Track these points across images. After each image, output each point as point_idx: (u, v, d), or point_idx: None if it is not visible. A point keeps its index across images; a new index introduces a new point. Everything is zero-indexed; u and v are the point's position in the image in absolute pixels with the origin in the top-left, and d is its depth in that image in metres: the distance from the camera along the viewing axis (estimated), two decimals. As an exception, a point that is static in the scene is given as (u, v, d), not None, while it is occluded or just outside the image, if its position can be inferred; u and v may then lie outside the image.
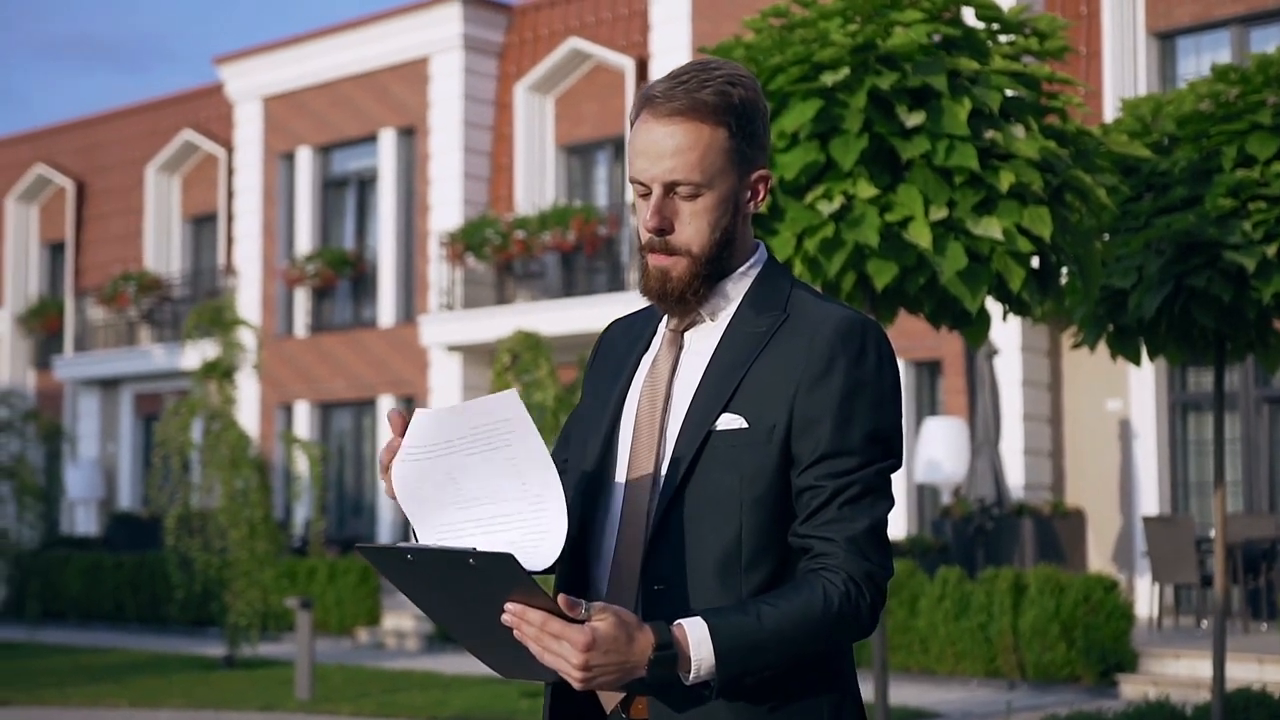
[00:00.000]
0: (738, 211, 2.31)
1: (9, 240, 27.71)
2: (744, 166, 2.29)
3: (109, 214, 26.50)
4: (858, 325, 2.25)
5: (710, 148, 2.24)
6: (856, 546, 2.18)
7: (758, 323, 2.29)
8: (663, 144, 2.24)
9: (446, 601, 2.10)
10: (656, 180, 2.25)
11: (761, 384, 2.23)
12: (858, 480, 2.20)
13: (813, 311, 2.28)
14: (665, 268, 2.28)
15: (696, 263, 2.28)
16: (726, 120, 2.25)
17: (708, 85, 2.25)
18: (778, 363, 2.24)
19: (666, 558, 2.23)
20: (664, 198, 2.26)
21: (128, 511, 23.44)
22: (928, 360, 17.25)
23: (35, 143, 28.00)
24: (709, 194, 2.26)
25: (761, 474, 2.21)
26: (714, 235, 2.28)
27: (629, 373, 2.39)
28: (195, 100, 25.49)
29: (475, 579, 2.01)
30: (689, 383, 2.30)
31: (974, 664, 13.09)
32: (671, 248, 2.28)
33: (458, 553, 1.99)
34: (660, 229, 2.26)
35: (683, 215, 2.27)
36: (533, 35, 21.52)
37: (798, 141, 6.13)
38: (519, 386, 13.12)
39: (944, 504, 16.12)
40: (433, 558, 2.02)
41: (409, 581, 2.10)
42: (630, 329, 2.47)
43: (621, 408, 2.36)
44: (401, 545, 2.06)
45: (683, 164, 2.23)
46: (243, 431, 15.15)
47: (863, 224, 6.02)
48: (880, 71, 6.09)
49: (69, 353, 25.94)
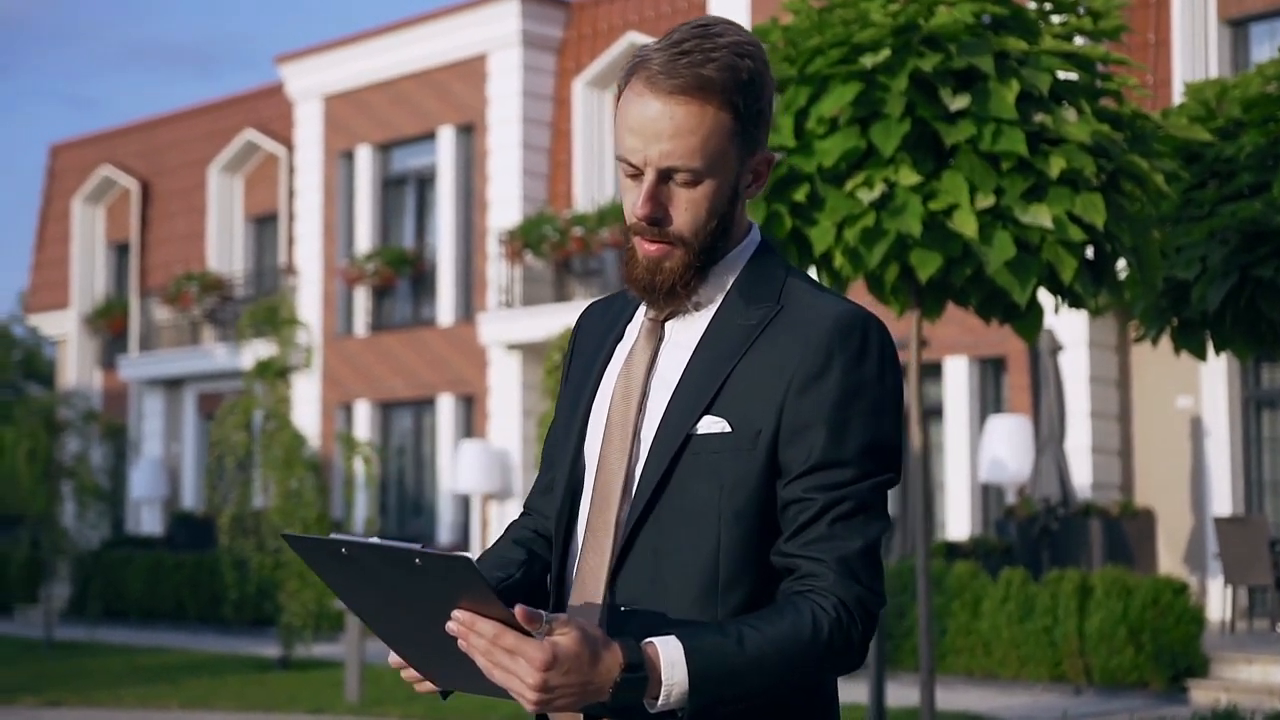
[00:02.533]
0: (737, 196, 2.06)
1: (76, 241, 27.91)
2: (747, 149, 2.04)
3: (173, 214, 26.61)
4: (859, 321, 2.00)
5: (714, 131, 1.98)
6: (848, 569, 1.94)
7: (748, 314, 2.04)
8: (660, 123, 1.98)
9: (382, 603, 1.90)
10: (651, 164, 2.00)
11: (748, 384, 1.99)
12: (852, 495, 1.96)
13: (809, 304, 2.03)
14: (657, 257, 2.03)
15: (691, 253, 2.03)
16: (733, 100, 1.99)
17: (713, 58, 1.98)
18: (767, 360, 2.00)
19: (636, 575, 2.00)
20: (658, 183, 2.01)
21: (190, 511, 23.50)
22: (992, 357, 16.89)
23: (101, 144, 28.19)
24: (709, 181, 2.01)
25: (744, 484, 1.97)
26: (711, 224, 2.03)
27: (602, 365, 2.16)
28: (257, 100, 25.53)
29: (419, 582, 1.81)
30: (668, 379, 2.06)
31: (1039, 668, 12.76)
32: (665, 236, 2.03)
33: (404, 550, 1.78)
34: (654, 218, 2.02)
35: (678, 202, 2.02)
36: (591, 30, 21.33)
37: (837, 127, 5.90)
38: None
39: (1008, 504, 15.76)
40: (371, 554, 1.81)
41: (341, 578, 1.90)
42: (607, 313, 2.22)
43: (592, 405, 2.13)
44: (336, 537, 1.85)
45: (682, 148, 1.98)
46: (297, 431, 15.06)
47: (905, 213, 5.77)
48: (923, 53, 5.83)
49: (134, 353, 26.07)
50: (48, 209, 29.03)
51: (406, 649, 1.94)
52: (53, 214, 28.85)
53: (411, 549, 1.77)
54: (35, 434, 18.26)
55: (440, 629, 1.82)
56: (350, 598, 1.93)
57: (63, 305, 28.11)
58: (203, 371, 24.87)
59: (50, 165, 29.17)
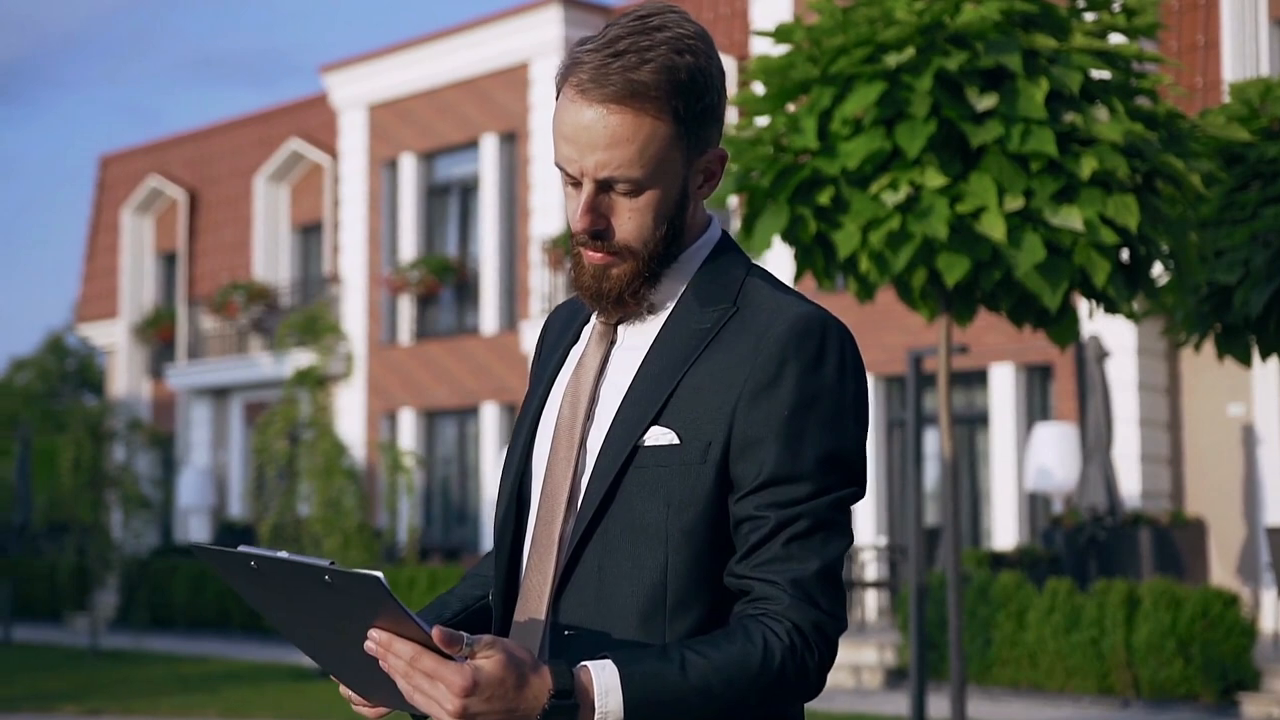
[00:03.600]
0: (686, 200, 1.94)
1: (125, 251, 28.09)
2: (694, 151, 1.91)
3: (220, 224, 26.73)
4: (815, 323, 1.87)
5: (652, 138, 1.86)
6: (804, 591, 1.81)
7: (702, 317, 1.92)
8: (594, 132, 1.85)
9: (302, 619, 1.80)
10: (588, 175, 1.88)
11: (698, 392, 1.87)
12: (807, 512, 1.83)
13: (765, 305, 1.90)
14: (602, 265, 1.92)
15: (639, 261, 1.92)
16: (672, 104, 1.86)
17: (649, 60, 1.84)
18: (719, 367, 1.87)
19: (579, 597, 1.88)
20: (597, 194, 1.89)
21: (236, 520, 23.57)
22: (1038, 364, 16.66)
23: (150, 155, 28.37)
24: (652, 190, 1.89)
25: (693, 501, 1.84)
26: (659, 231, 1.91)
27: (555, 369, 2.05)
28: (302, 110, 25.61)
29: (332, 599, 1.71)
30: (618, 386, 1.94)
31: (1086, 680, 12.54)
32: (610, 246, 1.91)
33: (312, 567, 1.68)
34: (594, 231, 1.90)
35: (620, 212, 1.90)
36: (634, 37, 21.24)
37: (861, 128, 5.75)
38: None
39: (1055, 513, 15.53)
40: (281, 569, 1.72)
41: (255, 590, 1.81)
42: (573, 314, 2.10)
43: (543, 411, 2.02)
44: (244, 550, 1.75)
45: (619, 158, 1.86)
46: (337, 440, 15.03)
47: (931, 215, 5.63)
48: (949, 51, 5.68)
49: (182, 362, 26.19)
50: (98, 219, 29.25)
51: (335, 667, 1.84)
52: (103, 224, 29.06)
53: (320, 565, 1.68)
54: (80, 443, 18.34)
55: (359, 645, 1.72)
56: (272, 613, 1.85)
57: (112, 315, 28.29)
58: (249, 380, 24.95)
59: (100, 176, 29.38)
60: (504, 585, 1.98)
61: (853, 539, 1.89)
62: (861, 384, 1.90)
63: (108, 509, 19.01)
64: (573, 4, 21.22)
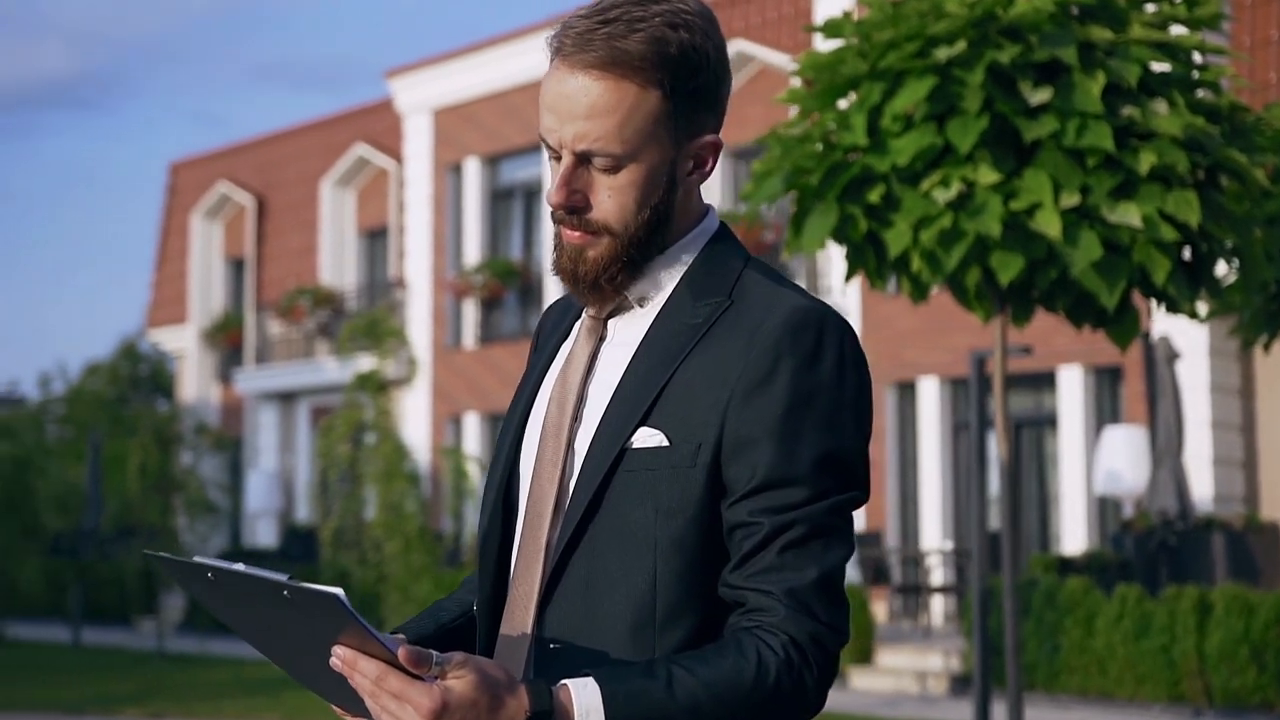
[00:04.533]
0: (675, 186, 1.83)
1: (194, 257, 28.34)
2: (684, 132, 1.80)
3: (287, 229, 26.90)
4: (813, 317, 1.76)
5: (635, 112, 1.76)
6: (800, 602, 1.70)
7: (694, 311, 1.81)
8: (575, 101, 1.76)
9: (268, 631, 1.73)
10: (566, 146, 1.78)
11: (689, 391, 1.76)
12: (804, 518, 1.71)
13: (760, 299, 1.79)
14: (579, 246, 1.82)
15: (618, 244, 1.81)
16: (659, 78, 1.76)
17: (638, 29, 1.75)
18: (711, 364, 1.76)
19: (565, 609, 1.78)
20: (575, 167, 1.79)
21: (303, 524, 23.69)
22: (1107, 365, 16.38)
23: (218, 161, 28.60)
24: (633, 167, 1.78)
25: (683, 506, 1.73)
26: (640, 215, 1.80)
27: (544, 367, 1.94)
28: (368, 115, 25.72)
29: (293, 614, 1.64)
30: (606, 384, 1.83)
31: (1156, 688, 12.30)
32: (587, 225, 1.81)
33: (270, 581, 1.61)
34: (569, 206, 1.80)
35: (599, 189, 1.80)
36: (697, 38, 21.14)
37: (912, 124, 5.62)
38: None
39: (1125, 517, 15.25)
40: (240, 581, 1.64)
41: (216, 601, 1.74)
42: (566, 309, 2.00)
43: (530, 412, 1.91)
44: (200, 561, 1.67)
45: (598, 130, 1.76)
46: (398, 444, 15.04)
47: (984, 213, 5.48)
48: (1001, 44, 5.54)
49: (249, 366, 26.37)
50: (168, 225, 29.53)
51: (310, 680, 1.76)
52: (173, 230, 29.34)
53: (278, 580, 1.60)
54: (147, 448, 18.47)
55: (324, 659, 1.65)
56: (241, 627, 1.77)
57: (182, 320, 28.55)
58: (315, 385, 25.08)
59: (170, 182, 29.67)
60: (490, 596, 1.88)
61: (854, 547, 1.78)
62: (863, 381, 1.79)
63: (175, 513, 19.14)
64: (635, 6, 21.14)
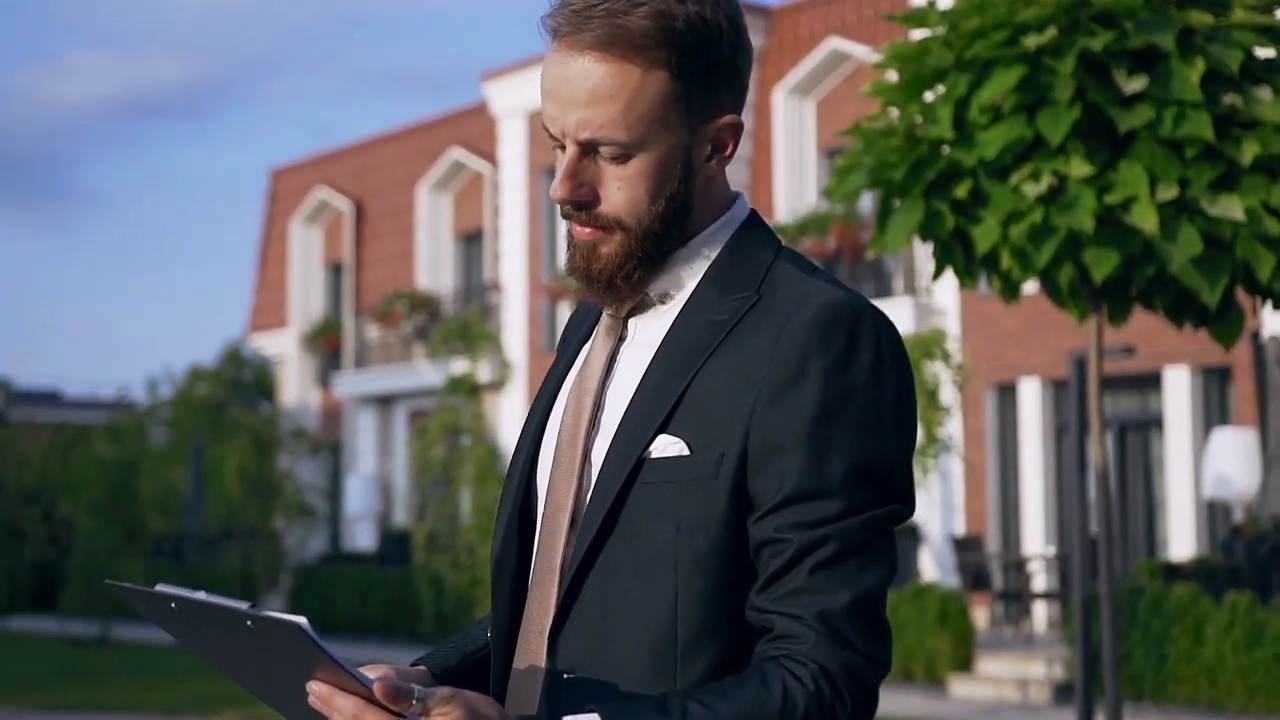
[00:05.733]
0: (691, 173, 1.67)
1: (294, 262, 28.59)
2: (698, 115, 1.65)
3: (384, 233, 27.06)
4: (845, 310, 1.59)
5: (640, 95, 1.61)
6: (832, 628, 1.53)
7: (719, 307, 1.65)
8: (576, 85, 1.61)
9: (231, 657, 1.62)
10: (569, 135, 1.64)
11: (712, 394, 1.60)
12: (836, 534, 1.55)
13: (791, 293, 1.63)
14: (590, 242, 1.67)
15: (632, 239, 1.65)
16: (665, 57, 1.61)
17: (640, 3, 1.60)
18: (736, 364, 1.60)
19: (580, 636, 1.63)
20: (580, 158, 1.64)
21: (400, 527, 23.78)
22: (1216, 366, 15.91)
23: (317, 167, 28.85)
24: (643, 156, 1.63)
25: (706, 521, 1.58)
26: (654, 207, 1.65)
27: (563, 370, 1.80)
28: (463, 119, 25.78)
29: (260, 644, 1.52)
30: (625, 388, 1.68)
31: (1270, 700, 11.90)
32: (597, 219, 1.66)
33: (232, 611, 1.49)
34: (575, 200, 1.65)
35: (607, 180, 1.65)
36: (792, 38, 20.91)
37: (1000, 115, 5.40)
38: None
39: (1235, 522, 14.80)
40: (203, 611, 1.53)
41: (182, 631, 1.63)
42: (590, 310, 1.85)
43: (548, 420, 1.76)
44: (163, 590, 1.56)
45: (601, 116, 1.61)
46: (492, 447, 15.00)
47: (1077, 207, 5.25)
48: (1094, 31, 5.30)
49: (348, 370, 26.54)
50: (269, 231, 29.84)
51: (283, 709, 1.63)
52: (273, 236, 29.64)
53: (240, 609, 1.47)
54: (245, 452, 18.62)
55: (297, 690, 1.52)
56: (206, 654, 1.66)
57: (282, 325, 28.82)
58: (412, 388, 25.17)
59: (271, 188, 29.98)
60: (506, 623, 1.73)
61: (895, 567, 1.60)
62: (903, 381, 1.61)
63: (273, 516, 19.29)
64: (729, 5, 20.97)
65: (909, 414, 1.62)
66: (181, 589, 1.54)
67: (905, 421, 1.61)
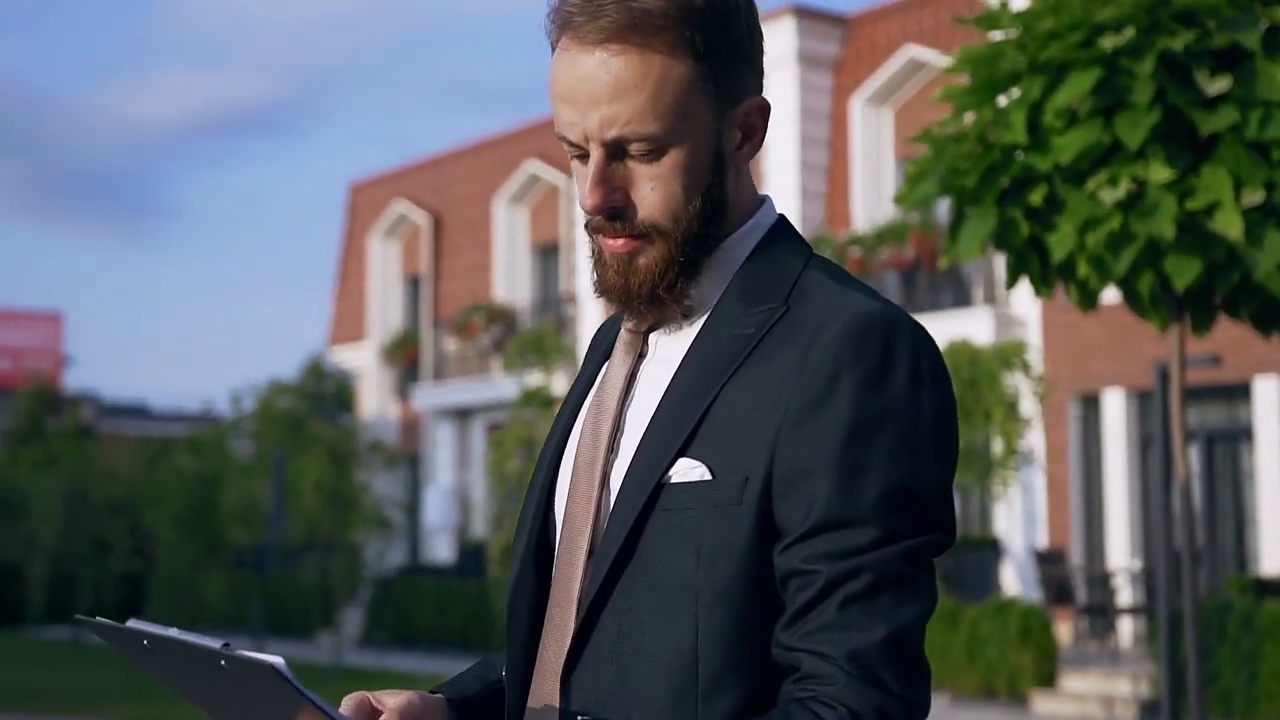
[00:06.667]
0: (723, 165, 1.55)
1: (373, 275, 28.75)
2: (724, 98, 1.53)
3: (461, 246, 27.15)
4: (879, 323, 1.46)
5: (666, 82, 1.49)
6: (864, 668, 1.40)
7: (745, 320, 1.53)
8: (595, 82, 1.49)
9: (208, 693, 1.54)
10: (593, 138, 1.52)
11: (735, 414, 1.48)
12: (869, 565, 1.42)
13: (821, 302, 1.51)
14: (627, 254, 1.55)
15: (671, 244, 1.53)
16: (687, 36, 1.49)
17: None
18: (761, 382, 1.48)
19: (595, 674, 1.51)
20: (608, 162, 1.52)
21: (478, 539, 23.79)
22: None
23: (395, 181, 29.02)
24: (676, 149, 1.51)
25: (729, 551, 1.46)
26: (692, 205, 1.53)
27: (584, 388, 1.68)
28: (539, 131, 25.80)
29: (235, 683, 1.45)
30: (645, 408, 1.56)
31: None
32: (634, 228, 1.54)
33: (205, 649, 1.42)
34: (609, 208, 1.53)
35: (639, 183, 1.52)
36: (869, 46, 20.72)
37: (1076, 119, 5.22)
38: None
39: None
40: (177, 648, 1.46)
41: (154, 666, 1.56)
42: (615, 326, 1.72)
43: (567, 441, 1.65)
44: (135, 627, 1.48)
45: (628, 110, 1.49)
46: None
47: (1157, 213, 5.07)
48: (1174, 31, 5.12)
49: (426, 383, 26.62)
50: (348, 244, 30.03)
51: None
52: (352, 249, 29.83)
53: (213, 648, 1.39)
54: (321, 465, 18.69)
55: None
56: (184, 691, 1.58)
57: (361, 338, 28.99)
58: (490, 401, 25.20)
59: (350, 202, 30.18)
60: (521, 659, 1.61)
61: (935, 600, 1.47)
62: (944, 399, 1.48)
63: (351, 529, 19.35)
64: (806, 15, 20.83)
65: (950, 434, 1.49)
66: (154, 625, 1.46)
67: (946, 442, 1.48)
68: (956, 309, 18.19)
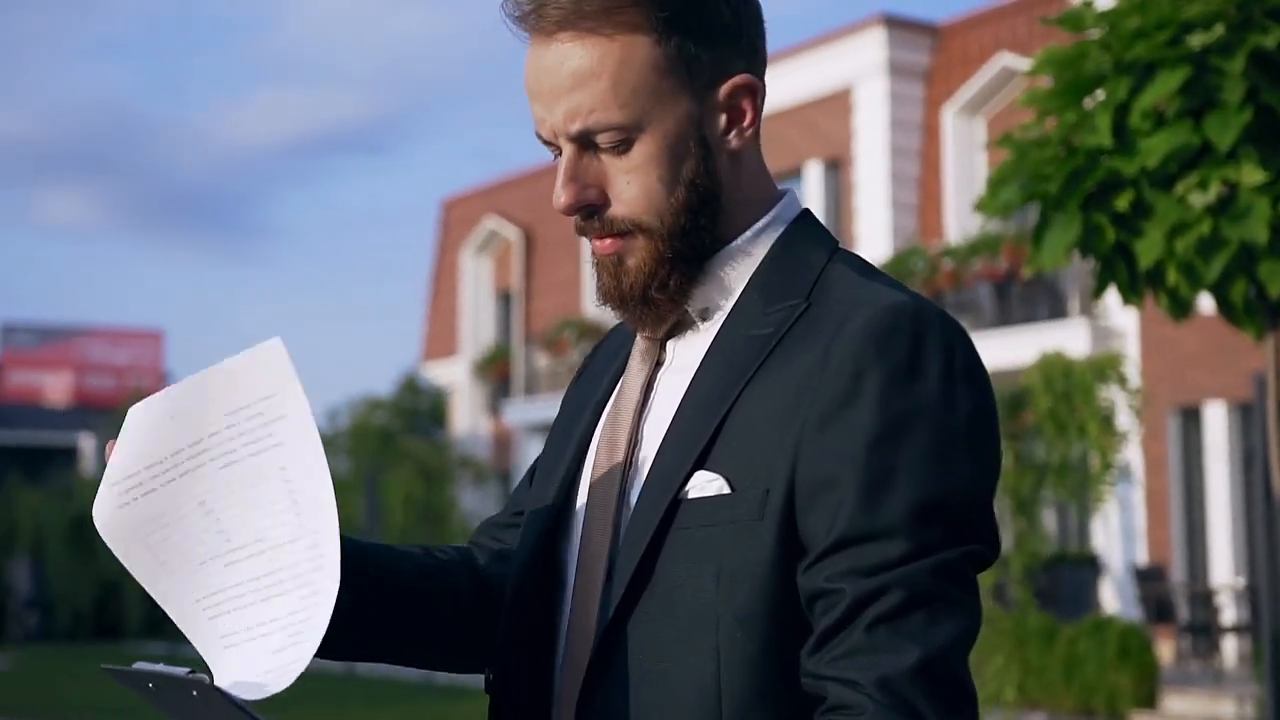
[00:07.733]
0: (709, 150, 1.45)
1: (464, 291, 28.89)
2: (701, 78, 1.43)
3: (552, 262, 27.20)
4: (905, 318, 1.35)
5: (626, 66, 1.40)
6: (894, 695, 1.27)
7: (763, 320, 1.42)
8: (555, 74, 1.41)
9: None
10: (560, 133, 1.43)
11: (754, 422, 1.37)
12: (899, 582, 1.29)
13: (843, 297, 1.39)
14: (614, 255, 1.46)
15: (657, 240, 1.44)
16: (645, 16, 1.39)
17: None
18: (780, 385, 1.37)
19: (610, 707, 1.40)
20: (579, 158, 1.44)
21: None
22: None
23: (487, 197, 29.16)
24: (647, 138, 1.41)
25: (750, 570, 1.34)
26: (674, 197, 1.43)
27: (598, 400, 1.58)
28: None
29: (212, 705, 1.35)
30: (662, 419, 1.46)
31: None
32: (613, 225, 1.44)
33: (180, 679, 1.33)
34: (581, 204, 1.44)
35: (615, 178, 1.43)
36: (961, 55, 20.47)
37: (1164, 121, 5.04)
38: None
39: None
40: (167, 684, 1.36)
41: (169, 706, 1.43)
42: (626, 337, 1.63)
43: (584, 456, 1.55)
44: (143, 668, 1.38)
45: (589, 99, 1.40)
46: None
47: (1249, 217, 4.88)
48: (1267, 27, 4.94)
49: (518, 399, 26.68)
50: (441, 260, 30.22)
51: None
52: (445, 265, 30.01)
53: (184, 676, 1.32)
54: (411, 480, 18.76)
55: None
56: None
57: (453, 354, 29.14)
58: (581, 416, 25.21)
59: (442, 218, 30.38)
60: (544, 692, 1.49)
61: (978, 620, 1.33)
62: (980, 400, 1.35)
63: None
64: (896, 25, 20.63)
65: (988, 438, 1.36)
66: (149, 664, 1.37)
67: (984, 447, 1.35)
68: (1052, 321, 17.87)
